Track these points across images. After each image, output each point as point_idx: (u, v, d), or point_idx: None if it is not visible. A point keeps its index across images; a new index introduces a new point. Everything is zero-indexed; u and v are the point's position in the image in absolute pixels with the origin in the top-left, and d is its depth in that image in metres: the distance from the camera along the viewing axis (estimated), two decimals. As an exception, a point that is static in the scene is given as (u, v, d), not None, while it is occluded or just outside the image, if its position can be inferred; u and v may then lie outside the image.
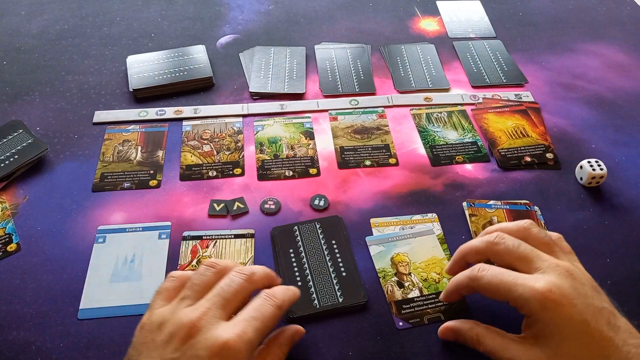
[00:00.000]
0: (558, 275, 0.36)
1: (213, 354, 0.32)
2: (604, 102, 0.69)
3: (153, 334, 0.34)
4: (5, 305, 0.47)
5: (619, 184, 0.58)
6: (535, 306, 0.35)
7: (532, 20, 0.84)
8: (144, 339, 0.34)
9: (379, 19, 0.84)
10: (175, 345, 0.32)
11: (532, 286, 0.35)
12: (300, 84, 0.71)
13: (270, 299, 0.36)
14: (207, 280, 0.37)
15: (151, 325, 0.35)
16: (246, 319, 0.34)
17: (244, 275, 0.37)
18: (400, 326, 0.45)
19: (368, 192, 0.57)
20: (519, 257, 0.38)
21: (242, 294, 0.37)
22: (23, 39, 0.78)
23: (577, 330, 0.34)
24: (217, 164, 0.60)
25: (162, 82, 0.69)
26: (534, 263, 0.38)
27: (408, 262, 0.50)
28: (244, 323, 0.34)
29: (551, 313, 0.35)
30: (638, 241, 0.53)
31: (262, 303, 0.36)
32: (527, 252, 0.38)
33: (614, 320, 0.35)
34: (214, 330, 0.33)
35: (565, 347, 0.34)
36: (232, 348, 0.32)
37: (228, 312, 0.35)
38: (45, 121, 0.65)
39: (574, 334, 0.34)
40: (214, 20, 0.83)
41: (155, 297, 0.38)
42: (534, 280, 0.36)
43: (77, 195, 0.56)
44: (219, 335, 0.32)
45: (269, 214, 0.55)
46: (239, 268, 0.38)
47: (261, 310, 0.35)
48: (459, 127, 0.65)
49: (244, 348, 0.33)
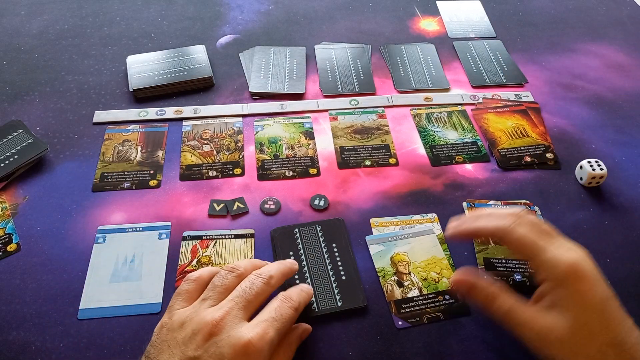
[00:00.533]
0: (583, 253, 0.37)
1: (236, 352, 0.32)
2: (604, 102, 0.69)
3: (174, 333, 0.34)
4: (5, 305, 0.47)
5: (618, 184, 0.58)
6: (563, 273, 0.35)
7: (532, 20, 0.84)
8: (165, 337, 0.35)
9: (378, 19, 0.84)
10: (197, 342, 0.33)
11: (565, 254, 0.36)
12: (300, 84, 0.71)
13: (288, 301, 0.38)
14: (228, 283, 0.39)
15: (172, 325, 0.35)
16: (267, 320, 0.35)
17: (264, 278, 0.39)
18: (399, 325, 0.46)
19: (368, 192, 0.57)
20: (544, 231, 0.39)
21: (263, 296, 0.38)
22: (23, 39, 0.78)
23: (597, 307, 0.35)
24: (217, 164, 0.60)
25: (162, 82, 0.69)
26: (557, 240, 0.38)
27: (408, 262, 0.50)
28: (265, 324, 0.35)
29: (577, 284, 0.35)
30: (638, 241, 0.53)
31: (281, 305, 0.37)
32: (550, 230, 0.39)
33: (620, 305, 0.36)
34: (237, 329, 0.34)
35: (584, 321, 0.35)
36: (255, 347, 0.33)
37: (249, 313, 0.37)
38: (45, 121, 0.65)
39: (593, 310, 0.35)
40: (214, 20, 0.83)
41: (174, 299, 0.39)
42: (565, 250, 0.37)
43: (77, 195, 0.56)
44: (243, 334, 0.33)
45: (269, 214, 0.55)
46: (258, 271, 0.40)
47: (280, 312, 0.37)
48: (459, 127, 0.65)
49: (266, 347, 0.34)
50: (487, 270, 0.49)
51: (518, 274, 0.49)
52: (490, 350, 0.44)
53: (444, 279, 0.49)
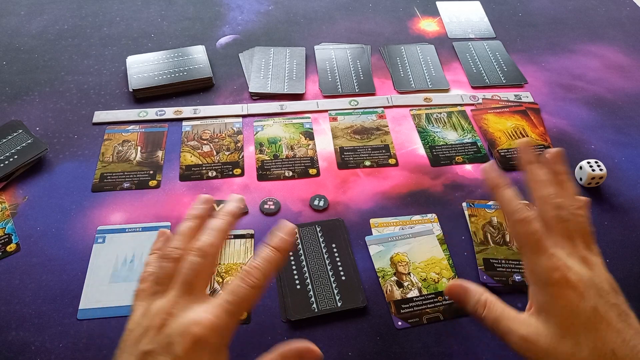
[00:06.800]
0: (580, 264, 0.37)
1: (187, 340, 0.32)
2: (604, 103, 0.69)
3: (132, 332, 0.34)
4: (5, 305, 0.47)
5: (618, 185, 0.58)
6: (550, 280, 0.35)
7: (531, 21, 0.85)
8: (125, 338, 0.34)
9: (378, 20, 0.84)
10: (150, 336, 0.32)
11: (554, 263, 0.36)
12: (300, 84, 0.71)
13: (247, 279, 0.35)
14: (168, 270, 0.36)
15: (129, 325, 0.35)
16: (220, 304, 0.33)
17: (195, 253, 0.36)
18: (399, 326, 0.45)
19: (368, 193, 0.57)
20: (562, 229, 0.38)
21: (205, 271, 0.36)
22: (23, 39, 0.78)
23: (584, 315, 0.34)
24: (216, 164, 0.60)
25: (161, 82, 0.69)
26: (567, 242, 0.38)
27: (407, 262, 0.50)
28: (217, 308, 0.33)
29: (562, 292, 0.35)
30: (638, 241, 0.53)
31: (238, 284, 0.34)
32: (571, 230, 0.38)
33: (625, 316, 0.35)
34: (186, 317, 0.33)
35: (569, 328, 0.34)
36: (205, 333, 0.32)
37: (196, 295, 0.35)
38: (44, 121, 0.65)
39: (580, 318, 0.34)
40: (213, 20, 0.83)
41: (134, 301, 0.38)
42: (556, 259, 0.36)
43: (76, 196, 0.56)
44: (191, 320, 0.32)
45: (269, 215, 0.55)
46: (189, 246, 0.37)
47: (236, 292, 0.34)
48: (459, 127, 0.65)
49: (218, 332, 0.32)
50: (487, 271, 0.49)
51: (518, 274, 0.49)
52: (490, 350, 0.44)
53: (444, 279, 0.49)
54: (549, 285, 0.35)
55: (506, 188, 0.40)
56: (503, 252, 0.51)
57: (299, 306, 0.46)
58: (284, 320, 0.46)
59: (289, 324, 0.46)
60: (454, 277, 0.49)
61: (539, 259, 0.36)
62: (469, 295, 0.39)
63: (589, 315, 0.34)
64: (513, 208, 0.39)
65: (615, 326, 0.34)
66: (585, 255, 0.37)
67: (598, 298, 0.35)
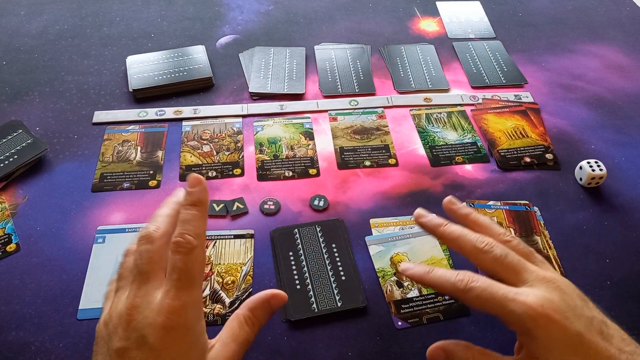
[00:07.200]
0: (547, 289, 0.35)
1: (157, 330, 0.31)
2: (604, 103, 0.69)
3: (102, 333, 0.34)
4: (5, 305, 0.47)
5: (618, 185, 0.58)
6: (529, 323, 0.34)
7: (531, 21, 0.85)
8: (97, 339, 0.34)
9: (378, 20, 0.84)
10: (120, 333, 0.32)
11: (524, 301, 0.34)
12: (300, 84, 0.71)
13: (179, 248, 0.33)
14: (125, 265, 0.36)
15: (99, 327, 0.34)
16: (171, 285, 0.33)
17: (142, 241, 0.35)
18: (399, 326, 0.45)
19: (368, 193, 0.57)
20: (507, 267, 0.37)
21: (156, 257, 0.35)
22: (23, 39, 0.78)
23: (572, 345, 0.33)
24: (216, 164, 0.60)
25: (161, 82, 0.69)
26: (522, 275, 0.36)
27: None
28: (171, 291, 0.32)
29: (545, 329, 0.34)
30: (637, 241, 0.53)
31: (174, 259, 0.33)
32: (515, 263, 0.37)
33: (605, 328, 0.35)
34: (150, 306, 0.32)
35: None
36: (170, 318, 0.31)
37: (154, 280, 0.34)
38: (44, 121, 0.65)
39: (569, 349, 0.33)
40: (213, 20, 0.83)
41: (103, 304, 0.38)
42: (524, 295, 0.34)
43: (76, 196, 0.56)
44: (154, 310, 0.32)
45: (269, 215, 0.55)
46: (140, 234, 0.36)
47: (176, 267, 0.33)
48: (459, 127, 0.65)
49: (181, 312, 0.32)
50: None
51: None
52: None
53: (444, 279, 0.49)
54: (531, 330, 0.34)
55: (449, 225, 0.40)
56: (503, 252, 0.51)
57: (299, 306, 0.46)
58: (284, 320, 0.46)
59: (288, 324, 0.46)
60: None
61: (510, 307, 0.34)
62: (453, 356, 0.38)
63: (576, 345, 0.33)
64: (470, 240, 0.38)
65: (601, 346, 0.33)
66: (544, 275, 0.36)
67: (577, 320, 0.34)
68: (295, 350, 0.44)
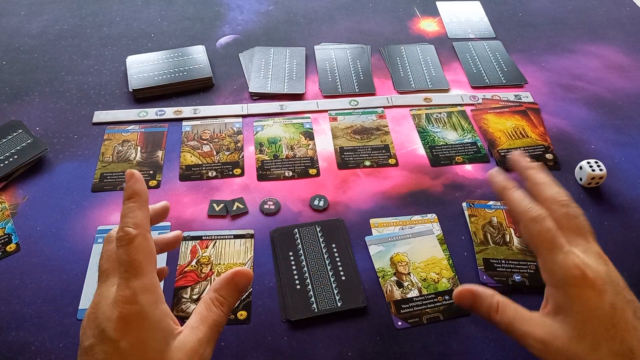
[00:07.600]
0: (596, 260, 0.36)
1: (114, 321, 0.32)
2: (604, 103, 0.69)
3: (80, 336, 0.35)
4: (5, 305, 0.47)
5: (618, 185, 0.58)
6: (570, 279, 0.34)
7: (531, 21, 0.85)
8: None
9: (378, 20, 0.84)
10: (87, 333, 0.33)
11: (573, 259, 0.35)
12: (300, 84, 0.71)
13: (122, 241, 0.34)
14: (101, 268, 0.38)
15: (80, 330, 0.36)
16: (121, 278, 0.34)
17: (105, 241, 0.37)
18: (399, 326, 0.46)
19: (368, 193, 0.57)
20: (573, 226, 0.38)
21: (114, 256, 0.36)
22: (23, 39, 0.78)
23: (603, 314, 0.34)
24: (216, 164, 0.60)
25: (161, 82, 0.69)
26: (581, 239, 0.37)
27: (407, 262, 0.50)
28: (121, 283, 0.33)
29: (581, 290, 0.34)
30: (637, 241, 0.53)
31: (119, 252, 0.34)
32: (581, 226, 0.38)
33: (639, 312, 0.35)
34: (106, 301, 0.33)
35: (588, 328, 0.34)
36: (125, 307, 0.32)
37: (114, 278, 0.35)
38: (44, 121, 0.65)
39: (599, 317, 0.34)
40: (213, 20, 0.83)
41: None
42: (575, 255, 0.36)
43: (76, 196, 0.56)
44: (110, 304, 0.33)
45: (269, 215, 0.55)
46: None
47: (122, 259, 0.34)
48: (459, 127, 0.65)
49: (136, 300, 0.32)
50: (487, 271, 0.49)
51: (517, 274, 0.49)
52: (489, 350, 0.44)
53: (444, 279, 0.49)
54: (568, 285, 0.35)
55: (514, 190, 0.40)
56: (503, 252, 0.51)
57: (299, 306, 0.46)
58: (283, 320, 0.46)
59: (288, 323, 0.46)
60: (454, 277, 0.49)
61: (556, 257, 0.35)
62: (480, 300, 0.38)
63: (607, 313, 0.34)
64: (524, 208, 0.38)
65: (632, 324, 0.34)
66: (599, 251, 0.37)
67: (615, 295, 0.34)
68: (295, 350, 0.44)
